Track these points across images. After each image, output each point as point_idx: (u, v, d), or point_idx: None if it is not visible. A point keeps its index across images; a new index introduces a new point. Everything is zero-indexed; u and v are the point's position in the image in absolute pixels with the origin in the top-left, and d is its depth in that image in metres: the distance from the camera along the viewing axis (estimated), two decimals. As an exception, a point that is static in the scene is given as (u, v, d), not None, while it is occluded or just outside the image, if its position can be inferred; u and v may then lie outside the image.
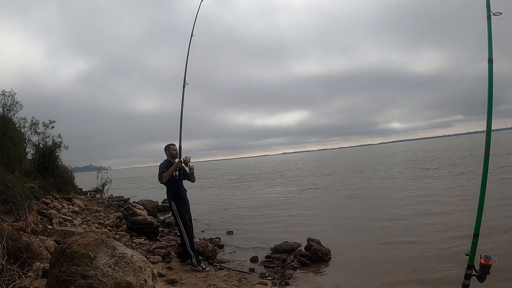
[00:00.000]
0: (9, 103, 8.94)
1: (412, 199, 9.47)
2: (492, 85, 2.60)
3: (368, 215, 8.02)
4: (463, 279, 2.61)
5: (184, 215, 4.64)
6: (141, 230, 6.25)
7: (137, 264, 2.64)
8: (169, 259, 4.92)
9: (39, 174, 8.74)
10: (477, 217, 2.61)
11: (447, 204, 8.26)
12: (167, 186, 4.70)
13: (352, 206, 9.51)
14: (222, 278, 4.25)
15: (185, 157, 4.64)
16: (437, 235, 5.75)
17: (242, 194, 15.04)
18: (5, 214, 4.89)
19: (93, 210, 8.41)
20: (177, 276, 4.11)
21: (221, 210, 10.92)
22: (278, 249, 5.71)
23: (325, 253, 5.22)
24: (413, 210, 7.97)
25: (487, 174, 2.62)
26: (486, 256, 2.50)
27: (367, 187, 13.29)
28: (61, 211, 7.15)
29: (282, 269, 4.89)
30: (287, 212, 9.54)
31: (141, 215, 6.59)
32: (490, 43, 2.61)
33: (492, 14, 2.60)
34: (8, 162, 7.84)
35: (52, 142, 9.97)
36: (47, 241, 4.14)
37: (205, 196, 15.05)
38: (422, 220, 6.94)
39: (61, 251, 2.47)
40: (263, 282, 4.22)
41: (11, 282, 2.91)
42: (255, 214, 9.63)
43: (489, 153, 2.61)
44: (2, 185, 5.14)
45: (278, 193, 14.27)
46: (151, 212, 9.04)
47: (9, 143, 8.27)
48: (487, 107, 2.58)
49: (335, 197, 11.52)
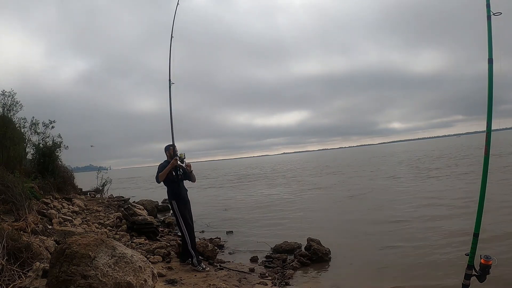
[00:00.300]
0: (9, 103, 8.95)
1: (414, 200, 9.40)
2: (492, 85, 2.60)
3: (369, 215, 8.01)
4: (463, 279, 2.61)
5: (185, 214, 4.64)
6: (141, 230, 6.25)
7: (137, 264, 2.64)
8: (169, 259, 4.92)
9: (39, 174, 8.74)
10: (477, 217, 2.61)
11: (450, 205, 8.14)
12: (168, 186, 4.71)
13: (353, 206, 9.49)
14: (222, 278, 4.25)
15: (179, 154, 4.64)
16: (439, 238, 5.69)
17: (242, 194, 15.03)
18: (5, 214, 4.89)
19: (93, 210, 8.41)
20: (177, 276, 4.11)
21: (221, 210, 10.92)
22: (278, 249, 5.71)
23: (325, 253, 5.22)
24: (415, 211, 7.93)
25: (487, 174, 2.62)
26: (486, 256, 2.50)
27: (368, 187, 13.26)
28: (61, 211, 7.15)
29: (282, 269, 4.89)
30: (288, 212, 9.54)
31: (141, 215, 6.59)
32: (490, 43, 2.61)
33: (492, 14, 2.60)
34: (8, 162, 7.84)
35: (52, 142, 9.97)
36: (47, 241, 4.14)
37: (205, 196, 15.05)
38: (424, 222, 6.86)
39: (61, 251, 2.47)
40: (263, 282, 4.22)
41: (11, 282, 2.91)
42: (255, 214, 9.62)
43: (489, 153, 2.61)
44: (2, 185, 5.14)
45: (279, 193, 14.27)
46: (151, 212, 9.04)
47: (9, 143, 8.27)
48: (487, 107, 2.58)
49: (337, 198, 11.50)
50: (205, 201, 13.06)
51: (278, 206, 10.65)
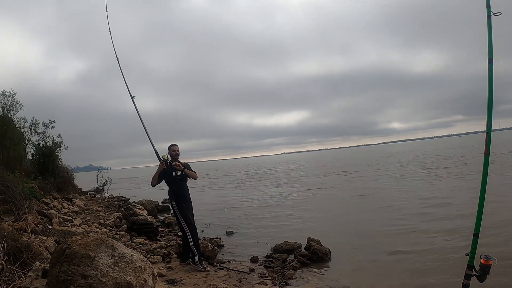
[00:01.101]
0: (9, 103, 8.95)
1: (417, 200, 9.32)
2: (492, 85, 2.61)
3: (371, 216, 8.00)
4: (463, 279, 2.61)
5: (186, 213, 4.64)
6: (141, 230, 6.25)
7: (137, 264, 2.64)
8: (169, 259, 4.92)
9: (39, 174, 8.74)
10: (477, 217, 2.61)
11: (456, 205, 8.04)
12: (169, 185, 4.72)
13: (355, 206, 9.48)
14: (222, 278, 4.24)
15: (162, 156, 4.66)
16: (442, 239, 5.65)
17: (243, 194, 15.03)
18: (5, 214, 4.89)
19: (93, 210, 8.41)
20: (177, 276, 4.11)
21: (221, 210, 10.92)
22: (278, 249, 5.71)
23: (325, 253, 5.22)
24: (416, 211, 7.90)
25: (487, 174, 2.62)
26: (486, 256, 2.50)
27: (372, 187, 13.24)
28: (61, 211, 7.15)
29: (282, 269, 4.89)
30: (288, 212, 9.54)
31: (141, 215, 6.59)
32: (490, 43, 2.62)
33: (492, 14, 2.60)
34: (8, 162, 7.85)
35: (52, 142, 9.98)
36: (47, 241, 4.14)
37: (206, 196, 15.05)
38: (427, 223, 6.75)
39: (61, 251, 2.47)
40: (263, 282, 4.22)
41: (11, 282, 2.91)
42: (255, 214, 9.62)
43: (489, 153, 2.61)
44: (2, 185, 5.14)
45: (279, 193, 14.27)
46: (151, 212, 9.04)
47: (9, 143, 8.27)
48: (487, 107, 2.58)
49: (338, 198, 11.49)
50: (205, 201, 13.06)
51: (279, 206, 10.65)
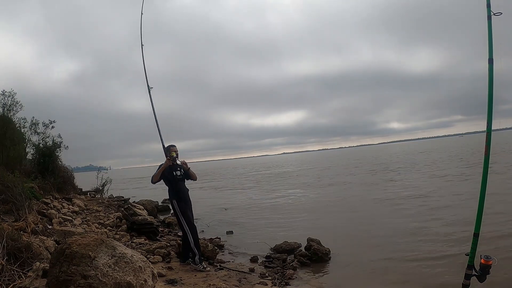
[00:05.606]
0: (9, 103, 8.94)
1: (420, 200, 9.26)
2: (492, 85, 2.61)
3: (371, 215, 8.01)
4: (463, 279, 2.61)
5: (187, 213, 4.65)
6: (141, 230, 6.24)
7: (137, 264, 2.63)
8: (169, 259, 4.92)
9: (39, 174, 8.73)
10: (477, 217, 2.61)
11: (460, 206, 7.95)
12: (168, 186, 4.72)
13: (356, 206, 9.48)
14: (222, 278, 4.24)
15: (170, 154, 4.66)
16: (442, 239, 5.63)
17: (243, 195, 15.03)
18: (5, 214, 4.89)
19: (93, 210, 8.40)
20: (177, 276, 4.11)
21: (221, 210, 10.92)
22: (278, 249, 5.71)
23: (325, 253, 5.22)
24: (417, 212, 7.89)
25: (487, 174, 2.62)
26: (486, 256, 2.50)
27: (373, 187, 13.24)
28: (61, 211, 7.14)
29: (282, 269, 4.89)
30: (288, 212, 9.54)
31: (141, 215, 6.59)
32: (490, 43, 2.62)
33: (492, 14, 2.60)
34: (8, 162, 7.84)
35: (52, 142, 9.97)
36: (47, 241, 4.14)
37: (206, 196, 15.04)
38: (431, 224, 6.67)
39: (61, 251, 2.47)
40: (263, 282, 4.22)
41: (11, 282, 2.91)
42: (255, 214, 9.62)
43: (489, 153, 2.61)
44: (2, 185, 5.14)
45: (280, 193, 14.27)
46: (151, 212, 9.04)
47: (9, 143, 8.26)
48: (487, 107, 2.58)
49: (339, 198, 11.49)
50: (205, 201, 13.06)
51: (279, 206, 10.65)
